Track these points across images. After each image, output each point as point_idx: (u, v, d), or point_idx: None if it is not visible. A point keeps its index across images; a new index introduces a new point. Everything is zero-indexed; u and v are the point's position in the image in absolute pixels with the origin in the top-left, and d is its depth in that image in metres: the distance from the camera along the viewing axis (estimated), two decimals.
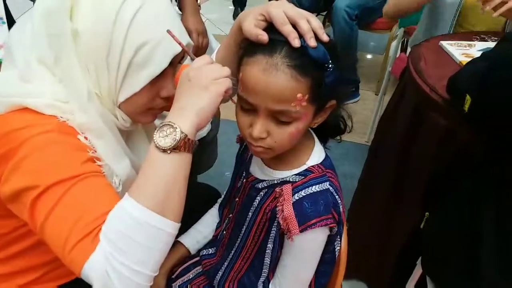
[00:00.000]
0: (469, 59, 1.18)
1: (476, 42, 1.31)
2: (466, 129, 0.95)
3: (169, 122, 0.60)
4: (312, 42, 0.60)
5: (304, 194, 0.69)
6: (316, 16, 2.69)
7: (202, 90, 0.61)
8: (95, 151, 0.67)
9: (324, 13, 2.55)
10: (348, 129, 0.79)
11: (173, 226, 0.60)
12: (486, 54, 0.90)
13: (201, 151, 1.36)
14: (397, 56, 2.14)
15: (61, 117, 0.64)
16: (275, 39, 0.61)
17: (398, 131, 1.20)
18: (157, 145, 0.59)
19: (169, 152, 0.59)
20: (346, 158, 2.10)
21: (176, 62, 0.71)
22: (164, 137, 0.59)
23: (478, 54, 1.22)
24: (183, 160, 0.61)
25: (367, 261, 1.40)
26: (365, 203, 1.44)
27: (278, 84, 0.60)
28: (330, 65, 0.62)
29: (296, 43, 0.59)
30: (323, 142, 0.80)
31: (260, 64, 0.60)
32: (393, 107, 1.31)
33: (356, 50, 2.37)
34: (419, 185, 1.10)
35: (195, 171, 1.51)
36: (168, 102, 0.74)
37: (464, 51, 1.24)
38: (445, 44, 1.29)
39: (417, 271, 1.09)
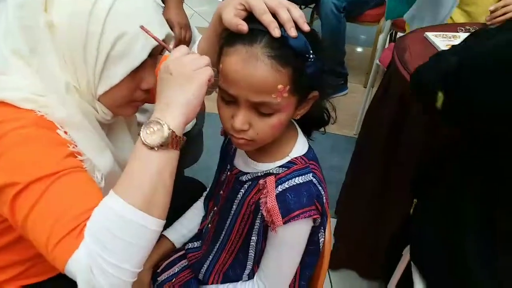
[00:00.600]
0: None
1: (461, 34, 1.32)
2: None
3: (156, 118, 0.59)
4: (292, 32, 0.59)
5: (287, 186, 0.68)
6: (304, 8, 2.69)
7: (186, 82, 0.60)
8: (76, 146, 0.65)
9: (312, 5, 2.54)
10: (332, 120, 0.79)
11: (158, 224, 0.60)
12: (456, 47, 0.87)
13: (186, 145, 1.35)
14: (386, 47, 2.14)
15: (39, 112, 0.63)
16: (255, 29, 0.60)
17: (384, 122, 1.20)
18: (144, 142, 0.58)
19: (156, 149, 0.58)
20: (335, 151, 2.10)
21: (156, 53, 0.70)
22: (151, 134, 0.58)
23: None
24: (170, 157, 0.61)
25: (358, 251, 1.41)
26: (353, 195, 1.45)
27: (258, 75, 0.59)
28: (311, 56, 0.61)
29: (276, 33, 0.58)
30: (307, 133, 0.80)
31: (240, 55, 0.59)
32: (379, 98, 1.32)
33: (344, 43, 2.37)
34: (407, 175, 1.10)
35: (181, 165, 1.50)
36: (149, 94, 0.73)
37: (448, 42, 1.24)
38: (430, 35, 1.29)
39: (402, 264, 1.09)
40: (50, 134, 0.63)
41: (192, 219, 0.95)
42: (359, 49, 3.18)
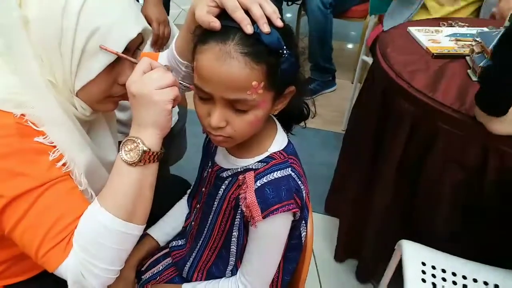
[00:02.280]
0: (435, 45, 1.20)
1: (443, 28, 1.33)
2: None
3: (131, 137, 0.64)
4: (265, 28, 0.59)
5: (265, 181, 0.69)
6: (291, 4, 2.69)
7: (148, 104, 0.63)
8: (57, 150, 0.65)
9: (299, 1, 2.54)
10: (311, 114, 0.79)
11: (140, 229, 0.67)
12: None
13: (169, 143, 1.35)
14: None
15: (18, 113, 0.62)
16: (228, 25, 0.59)
17: (369, 116, 1.21)
18: (123, 159, 0.64)
19: (135, 165, 0.64)
20: (324, 147, 2.11)
21: (132, 48, 0.70)
22: (129, 152, 0.64)
23: (445, 39, 1.24)
24: (149, 172, 0.66)
25: (352, 242, 1.42)
26: (342, 190, 1.46)
27: (231, 72, 0.59)
28: (285, 51, 0.61)
29: (248, 29, 0.58)
30: (287, 128, 0.80)
31: (213, 52, 0.59)
32: (363, 93, 1.32)
33: (331, 39, 2.37)
34: (392, 168, 1.11)
35: (165, 163, 1.50)
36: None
37: (431, 37, 1.25)
38: (412, 30, 1.30)
39: (393, 260, 1.10)
40: (31, 143, 0.63)
41: (176, 217, 0.95)
42: (349, 46, 3.19)
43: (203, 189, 0.84)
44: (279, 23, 0.61)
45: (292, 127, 0.81)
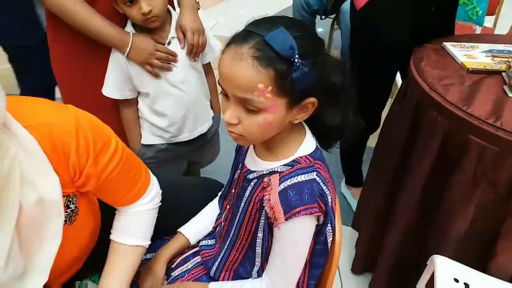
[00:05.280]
0: (471, 60, 1.19)
1: (479, 44, 1.32)
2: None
3: None
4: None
5: (289, 183, 0.70)
6: (324, 18, 2.69)
7: None
8: None
9: (333, 16, 2.56)
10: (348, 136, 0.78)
11: None
12: None
13: (202, 146, 1.39)
14: None
15: None
16: (251, 31, 0.65)
17: (400, 130, 1.20)
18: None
19: None
20: None
21: None
22: None
23: (481, 55, 1.23)
24: None
25: (370, 256, 1.41)
26: (370, 203, 1.45)
27: (239, 72, 0.63)
28: (297, 60, 0.62)
29: None
30: (326, 146, 0.80)
31: (230, 53, 0.65)
32: (396, 107, 1.32)
33: None
34: (419, 183, 1.10)
35: (197, 166, 1.54)
36: None
37: (466, 53, 1.24)
38: (448, 45, 1.29)
39: (425, 276, 1.08)
40: None
41: (207, 216, 0.98)
42: None
43: (233, 190, 0.87)
44: None
45: (331, 145, 0.81)
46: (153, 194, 0.86)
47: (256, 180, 0.78)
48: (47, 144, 0.64)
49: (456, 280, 0.98)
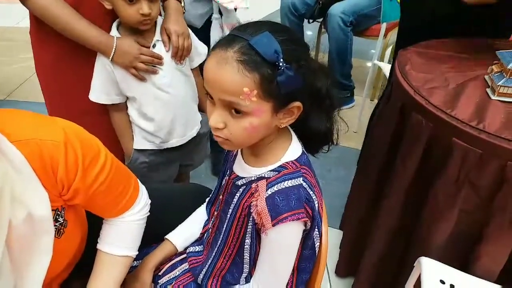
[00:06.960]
0: None
1: None
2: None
3: None
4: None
5: (276, 189, 0.70)
6: (312, 22, 2.72)
7: None
8: None
9: (320, 19, 2.58)
10: (335, 140, 0.80)
11: None
12: None
13: (192, 149, 1.39)
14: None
15: None
16: (236, 35, 0.65)
17: (384, 133, 1.22)
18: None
19: None
20: (341, 163, 2.12)
21: None
22: None
23: None
24: None
25: (353, 260, 1.41)
26: (352, 206, 1.46)
27: (225, 76, 0.63)
28: (282, 64, 0.62)
29: None
30: (312, 151, 0.81)
31: (215, 57, 0.64)
32: (380, 110, 1.34)
33: (351, 56, 2.40)
34: (401, 189, 1.11)
35: (189, 168, 1.54)
36: None
37: None
38: None
39: (412, 278, 1.10)
40: None
41: (195, 223, 0.97)
42: (369, 64, 3.20)
43: (221, 196, 0.87)
44: None
45: (317, 150, 0.82)
46: (142, 204, 0.85)
47: (244, 186, 0.78)
48: (35, 160, 0.63)
49: (442, 282, 0.99)
